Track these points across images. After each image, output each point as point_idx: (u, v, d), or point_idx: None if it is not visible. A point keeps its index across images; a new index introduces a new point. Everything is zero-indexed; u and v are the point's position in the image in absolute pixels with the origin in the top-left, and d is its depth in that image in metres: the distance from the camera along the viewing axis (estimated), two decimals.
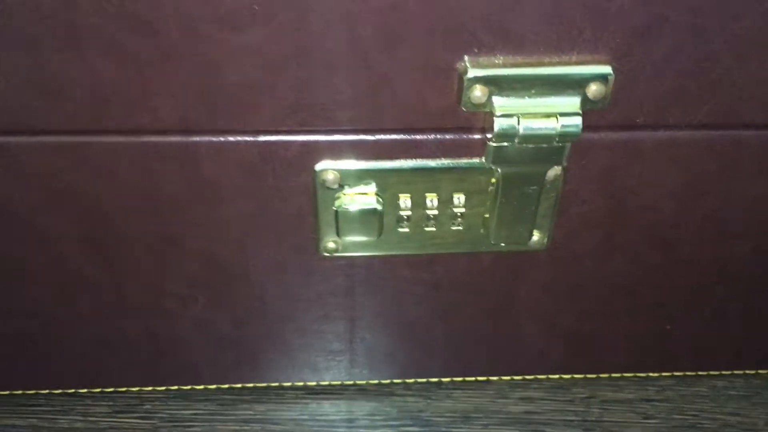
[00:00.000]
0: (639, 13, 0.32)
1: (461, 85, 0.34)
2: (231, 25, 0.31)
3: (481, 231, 0.40)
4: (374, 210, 0.38)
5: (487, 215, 0.39)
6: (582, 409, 0.49)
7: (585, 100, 0.34)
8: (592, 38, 0.33)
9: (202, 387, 0.47)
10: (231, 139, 0.35)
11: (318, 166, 0.37)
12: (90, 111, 0.33)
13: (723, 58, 0.34)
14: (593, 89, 0.34)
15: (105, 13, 0.31)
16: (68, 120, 0.34)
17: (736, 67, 0.35)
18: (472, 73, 0.33)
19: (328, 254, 0.40)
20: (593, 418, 0.49)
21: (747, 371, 0.51)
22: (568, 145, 0.36)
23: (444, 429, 0.47)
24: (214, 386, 0.48)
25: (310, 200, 0.38)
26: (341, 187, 0.37)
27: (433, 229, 0.39)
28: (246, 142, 0.35)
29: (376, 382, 0.48)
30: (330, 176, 0.37)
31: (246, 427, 0.46)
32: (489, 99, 0.34)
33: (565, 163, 0.37)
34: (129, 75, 0.32)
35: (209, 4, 0.31)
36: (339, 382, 0.48)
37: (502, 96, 0.34)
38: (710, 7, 0.32)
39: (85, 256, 0.39)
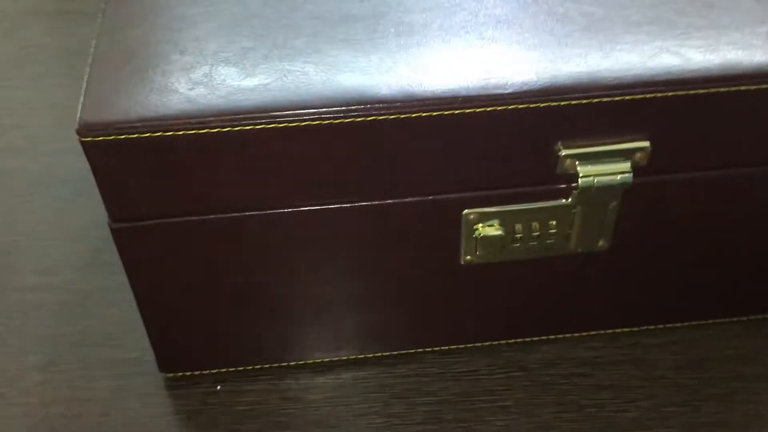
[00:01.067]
0: (663, 113, 0.53)
1: (557, 159, 0.55)
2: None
3: (566, 242, 0.61)
4: (499, 235, 0.58)
5: (569, 232, 0.59)
6: (629, 351, 0.67)
7: (633, 162, 0.55)
8: (636, 127, 0.54)
9: (371, 354, 0.68)
10: (415, 199, 0.56)
11: (465, 211, 0.57)
12: None
13: (720, 128, 0.55)
14: (638, 156, 0.54)
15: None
16: None
17: (728, 132, 0.55)
18: (564, 152, 0.54)
19: (466, 263, 0.61)
20: (638, 357, 0.67)
21: (741, 318, 0.69)
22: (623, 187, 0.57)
23: (538, 372, 0.67)
24: (379, 354, 0.69)
25: (459, 231, 0.58)
26: (478, 222, 0.58)
27: (535, 243, 0.59)
28: (424, 200, 0.56)
29: (488, 343, 0.68)
30: (471, 216, 0.57)
31: (405, 380, 0.67)
32: (575, 167, 0.55)
33: (620, 198, 0.58)
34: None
35: None
36: (463, 345, 0.68)
37: (583, 165, 0.55)
38: (707, 110, 0.53)
39: (313, 278, 0.61)
